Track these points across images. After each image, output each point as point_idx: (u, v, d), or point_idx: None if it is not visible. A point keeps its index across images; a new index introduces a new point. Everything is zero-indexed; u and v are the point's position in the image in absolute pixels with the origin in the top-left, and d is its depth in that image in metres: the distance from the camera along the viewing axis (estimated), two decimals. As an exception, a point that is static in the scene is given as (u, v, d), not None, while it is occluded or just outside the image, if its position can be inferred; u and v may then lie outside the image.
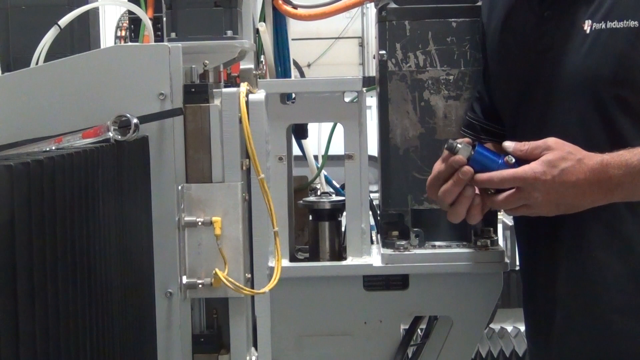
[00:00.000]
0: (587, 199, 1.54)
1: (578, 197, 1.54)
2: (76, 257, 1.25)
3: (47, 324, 1.13)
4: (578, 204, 1.56)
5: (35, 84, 1.69)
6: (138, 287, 1.63)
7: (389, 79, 1.96)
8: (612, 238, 1.64)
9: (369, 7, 2.41)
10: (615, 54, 1.62)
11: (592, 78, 1.65)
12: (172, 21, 1.89)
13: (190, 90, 1.72)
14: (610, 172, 1.52)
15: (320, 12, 2.22)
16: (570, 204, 1.56)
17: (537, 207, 1.57)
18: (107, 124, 1.55)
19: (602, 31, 1.63)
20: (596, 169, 1.52)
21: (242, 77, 2.16)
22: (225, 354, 1.81)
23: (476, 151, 1.62)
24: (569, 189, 1.53)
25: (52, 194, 1.17)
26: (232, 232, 1.74)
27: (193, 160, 1.74)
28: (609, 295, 1.65)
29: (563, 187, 1.52)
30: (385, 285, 2.02)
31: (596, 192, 1.53)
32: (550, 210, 1.57)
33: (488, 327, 2.36)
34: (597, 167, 1.52)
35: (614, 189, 1.53)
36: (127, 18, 4.83)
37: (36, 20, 5.00)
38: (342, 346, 2.05)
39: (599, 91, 1.64)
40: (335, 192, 2.28)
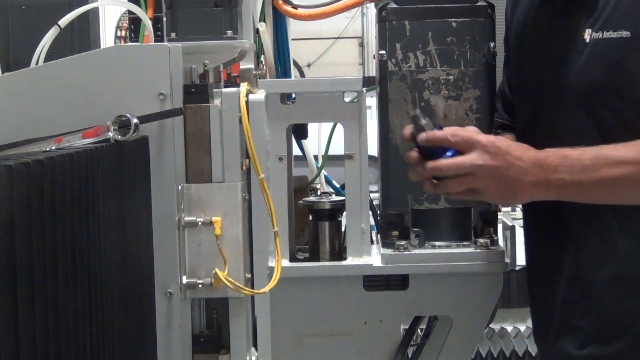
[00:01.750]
0: (528, 177, 1.55)
1: (521, 175, 1.55)
2: (76, 257, 1.25)
3: (47, 324, 1.13)
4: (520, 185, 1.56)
5: (35, 84, 1.69)
6: (138, 287, 1.63)
7: (389, 79, 1.96)
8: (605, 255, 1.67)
9: (369, 7, 2.40)
10: (609, 65, 1.62)
11: (588, 89, 1.65)
12: (172, 21, 1.89)
13: (190, 90, 1.73)
14: (550, 161, 1.54)
15: (320, 12, 2.22)
16: (517, 192, 1.57)
17: (485, 191, 1.59)
18: (107, 124, 1.55)
19: (599, 41, 1.63)
20: (540, 157, 1.55)
21: (242, 77, 2.16)
22: (225, 354, 1.81)
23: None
24: (512, 166, 1.55)
25: (52, 194, 1.17)
26: (232, 232, 1.74)
27: (193, 160, 1.74)
28: (599, 302, 1.68)
29: (506, 164, 1.55)
30: (385, 285, 2.02)
31: (537, 173, 1.54)
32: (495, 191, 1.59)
33: (488, 327, 2.36)
34: (542, 157, 1.55)
35: (552, 174, 1.54)
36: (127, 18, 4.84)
37: (36, 20, 5.01)
38: (342, 346, 2.05)
39: (595, 103, 1.65)
40: (335, 192, 2.28)
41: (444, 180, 1.61)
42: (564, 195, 1.59)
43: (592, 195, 1.58)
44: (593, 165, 1.53)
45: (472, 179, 1.58)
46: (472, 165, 1.57)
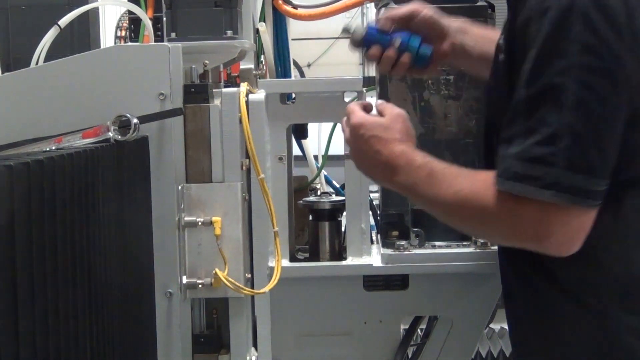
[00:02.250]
0: (377, 169, 1.60)
1: (373, 164, 1.60)
2: (76, 257, 1.25)
3: (47, 324, 1.13)
4: (372, 170, 1.62)
5: (35, 84, 1.69)
6: (138, 287, 1.63)
7: (389, 79, 1.96)
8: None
9: (369, 7, 2.41)
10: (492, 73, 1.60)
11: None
12: (172, 21, 1.89)
13: (190, 90, 1.73)
14: (399, 161, 1.57)
15: (320, 12, 2.23)
16: (367, 167, 1.63)
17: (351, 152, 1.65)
18: (107, 124, 1.55)
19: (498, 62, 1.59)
20: (395, 153, 1.57)
21: (242, 77, 2.16)
22: (225, 354, 1.81)
23: (367, 32, 1.70)
24: (369, 151, 1.59)
25: (52, 194, 1.17)
26: (232, 232, 1.74)
27: (193, 160, 1.74)
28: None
29: (365, 147, 1.60)
30: (385, 285, 2.02)
31: (384, 169, 1.58)
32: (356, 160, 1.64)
33: (488, 327, 2.36)
34: (397, 152, 1.57)
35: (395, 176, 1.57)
36: (127, 18, 4.83)
37: (36, 20, 5.00)
38: (342, 346, 2.05)
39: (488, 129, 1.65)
40: (335, 192, 2.28)
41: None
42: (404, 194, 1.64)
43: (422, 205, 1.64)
44: (425, 181, 1.54)
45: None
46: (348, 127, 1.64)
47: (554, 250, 1.41)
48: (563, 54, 1.36)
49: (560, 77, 1.36)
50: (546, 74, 1.38)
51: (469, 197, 1.47)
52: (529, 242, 1.43)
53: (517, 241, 1.46)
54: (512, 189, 1.38)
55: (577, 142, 1.36)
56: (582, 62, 1.36)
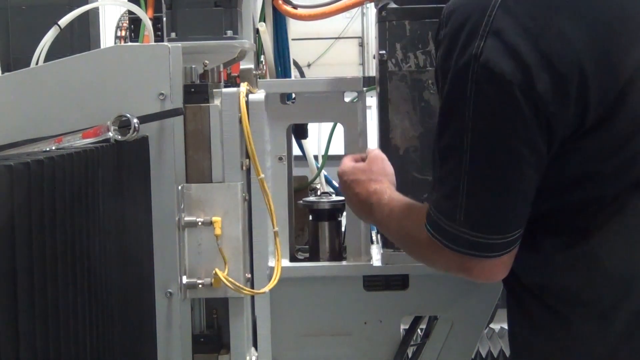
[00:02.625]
0: (361, 210, 1.77)
1: (357, 206, 1.77)
2: (76, 257, 1.25)
3: (47, 324, 1.13)
4: (358, 211, 1.80)
5: (35, 84, 1.69)
6: (138, 287, 1.63)
7: (389, 79, 1.96)
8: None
9: (369, 7, 2.40)
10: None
11: None
12: (172, 21, 1.89)
13: (190, 90, 1.73)
14: (373, 199, 1.70)
15: (320, 12, 2.22)
16: (353, 209, 1.82)
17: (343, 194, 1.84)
18: (107, 124, 1.55)
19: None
20: (369, 192, 1.72)
21: (242, 77, 2.16)
22: (225, 354, 1.81)
23: None
24: (352, 195, 1.76)
25: (52, 194, 1.17)
26: (232, 232, 1.74)
27: (193, 160, 1.74)
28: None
29: (349, 192, 1.76)
30: (385, 285, 2.02)
31: (364, 208, 1.74)
32: (347, 204, 1.86)
33: (488, 327, 2.36)
34: (371, 191, 1.72)
35: (371, 213, 1.71)
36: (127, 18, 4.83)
37: (36, 20, 5.01)
38: (342, 346, 2.05)
39: None
40: (335, 192, 2.28)
41: None
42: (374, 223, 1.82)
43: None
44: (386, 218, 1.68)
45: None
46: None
47: (483, 280, 1.52)
48: (460, 116, 1.39)
49: (458, 138, 1.39)
50: (448, 132, 1.43)
51: (409, 236, 1.59)
52: (460, 274, 1.53)
53: (452, 273, 1.57)
54: (432, 236, 1.47)
55: (474, 201, 1.41)
56: (476, 127, 1.38)
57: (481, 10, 1.37)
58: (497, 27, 1.35)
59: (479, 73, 1.36)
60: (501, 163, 1.39)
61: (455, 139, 1.40)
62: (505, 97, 1.35)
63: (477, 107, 1.37)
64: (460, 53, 1.38)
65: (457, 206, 1.41)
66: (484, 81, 1.36)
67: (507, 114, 1.36)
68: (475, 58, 1.35)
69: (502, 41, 1.35)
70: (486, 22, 1.36)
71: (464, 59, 1.37)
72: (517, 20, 1.36)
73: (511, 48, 1.34)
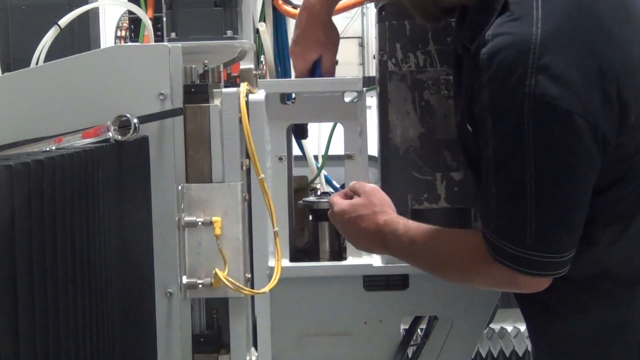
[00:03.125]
0: (372, 243, 1.80)
1: (367, 240, 1.80)
2: (76, 257, 1.25)
3: (47, 324, 1.13)
4: (369, 246, 1.83)
5: (35, 84, 1.69)
6: (138, 287, 1.63)
7: (389, 79, 1.96)
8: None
9: (369, 7, 2.40)
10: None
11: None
12: (172, 21, 1.89)
13: (190, 90, 1.73)
14: (385, 231, 1.75)
15: (320, 12, 2.21)
16: (364, 245, 1.83)
17: (345, 237, 1.90)
18: (107, 124, 1.55)
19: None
20: (380, 225, 1.76)
21: (242, 77, 2.16)
22: (225, 354, 1.81)
23: None
24: (358, 231, 1.79)
25: (52, 194, 1.17)
26: (232, 232, 1.74)
27: (193, 160, 1.74)
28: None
29: (355, 228, 1.80)
30: (385, 285, 2.01)
31: (376, 241, 1.78)
32: (352, 242, 1.87)
33: (488, 327, 2.36)
34: (381, 223, 1.76)
35: (386, 245, 1.76)
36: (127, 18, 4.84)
37: (36, 20, 5.01)
38: (342, 346, 2.05)
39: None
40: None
41: None
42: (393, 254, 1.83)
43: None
44: (409, 248, 1.73)
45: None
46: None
47: (528, 292, 1.61)
48: (519, 151, 1.48)
49: (519, 171, 1.49)
50: (508, 167, 1.52)
51: (441, 261, 1.70)
52: (505, 289, 1.67)
53: (495, 288, 1.72)
54: (502, 263, 1.55)
55: (544, 225, 1.51)
56: (539, 157, 1.47)
57: (525, 50, 1.46)
58: (543, 62, 1.45)
59: (536, 109, 1.45)
60: (567, 187, 1.50)
61: (517, 173, 1.49)
62: (565, 126, 1.45)
63: (537, 140, 1.47)
64: (512, 93, 1.46)
65: (526, 232, 1.51)
66: (542, 115, 1.45)
67: (569, 141, 1.47)
68: (530, 96, 1.45)
69: (552, 75, 1.45)
70: (532, 60, 1.45)
71: (517, 98, 1.46)
72: (560, 52, 1.46)
73: (561, 79, 1.45)
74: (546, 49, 1.45)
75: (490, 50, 1.49)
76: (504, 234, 1.54)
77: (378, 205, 1.78)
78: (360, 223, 1.78)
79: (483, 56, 1.50)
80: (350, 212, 1.79)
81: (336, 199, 1.84)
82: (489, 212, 1.56)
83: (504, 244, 1.54)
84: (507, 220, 1.54)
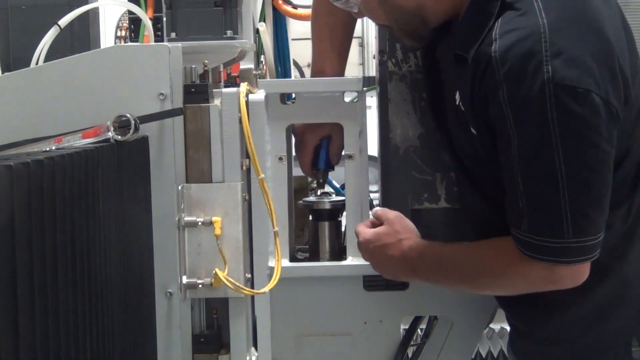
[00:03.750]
0: (399, 271, 1.83)
1: (395, 268, 1.82)
2: (76, 257, 1.25)
3: (47, 324, 1.13)
4: (396, 273, 1.85)
5: (35, 84, 1.68)
6: (138, 287, 1.63)
7: (389, 79, 1.96)
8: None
9: (369, 7, 2.38)
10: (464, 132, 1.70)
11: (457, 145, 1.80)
12: (172, 21, 1.89)
13: (190, 90, 1.72)
14: (412, 256, 1.78)
15: (320, 12, 2.21)
16: (391, 272, 1.86)
17: (372, 265, 1.88)
18: (107, 124, 1.55)
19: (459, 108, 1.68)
20: (405, 251, 1.78)
21: (242, 77, 2.16)
22: (225, 354, 1.81)
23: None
24: (384, 259, 1.82)
25: (52, 194, 1.17)
26: (232, 232, 1.74)
27: (193, 160, 1.74)
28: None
29: (381, 257, 1.83)
30: (385, 285, 2.02)
31: (403, 268, 1.81)
32: (380, 270, 1.88)
33: (488, 327, 2.36)
34: (406, 249, 1.78)
35: (414, 270, 1.79)
36: (127, 18, 4.84)
37: (36, 20, 5.01)
38: (342, 346, 2.05)
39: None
40: (335, 192, 2.28)
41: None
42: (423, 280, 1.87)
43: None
44: (439, 268, 1.76)
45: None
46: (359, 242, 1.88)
47: (570, 286, 1.61)
48: (546, 141, 1.50)
49: (548, 162, 1.52)
50: (536, 161, 1.52)
51: (471, 277, 1.71)
52: (546, 288, 1.63)
53: (537, 289, 1.65)
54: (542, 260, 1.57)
55: (578, 210, 1.52)
56: (565, 142, 1.49)
57: (537, 39, 1.50)
58: (556, 48, 1.49)
59: (557, 93, 1.47)
60: (595, 167, 1.52)
61: (546, 162, 1.51)
62: (586, 106, 1.49)
63: (562, 124, 1.48)
64: (531, 83, 1.48)
65: (563, 221, 1.52)
66: (564, 98, 1.48)
67: (591, 120, 1.49)
68: (549, 81, 1.47)
69: (566, 59, 1.49)
70: (545, 48, 1.49)
71: (536, 86, 1.48)
72: (568, 36, 1.51)
73: (576, 62, 1.49)
74: (555, 35, 1.49)
75: (502, 47, 1.51)
76: (540, 229, 1.55)
77: (402, 232, 1.81)
78: (385, 251, 1.80)
79: (495, 54, 1.52)
80: (374, 241, 1.82)
81: (360, 228, 1.87)
82: (519, 213, 1.56)
83: (541, 240, 1.54)
84: (541, 215, 1.55)
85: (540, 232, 1.55)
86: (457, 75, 1.66)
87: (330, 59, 2.04)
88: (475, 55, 1.57)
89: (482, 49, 1.55)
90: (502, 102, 1.52)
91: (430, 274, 1.78)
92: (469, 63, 1.59)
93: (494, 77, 1.52)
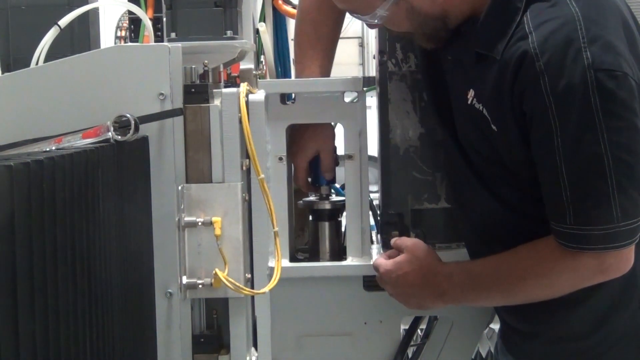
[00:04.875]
0: (426, 298, 1.80)
1: (420, 295, 1.80)
2: (76, 257, 1.25)
3: (47, 324, 1.13)
4: (421, 301, 1.82)
5: (35, 84, 1.68)
6: (138, 287, 1.63)
7: (389, 79, 1.96)
8: None
9: (369, 7, 2.38)
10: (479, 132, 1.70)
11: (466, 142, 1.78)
12: (172, 21, 1.89)
13: (190, 90, 1.72)
14: (439, 280, 1.76)
15: (320, 12, 2.21)
16: (416, 302, 1.83)
17: (394, 296, 1.86)
18: (107, 124, 1.55)
19: (472, 107, 1.68)
20: (428, 276, 1.77)
21: (242, 77, 2.16)
22: (225, 354, 1.80)
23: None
24: (408, 288, 1.81)
25: (52, 194, 1.17)
26: (232, 232, 1.74)
27: (193, 160, 1.74)
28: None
29: (404, 286, 1.81)
30: (385, 285, 2.01)
31: (429, 293, 1.79)
32: (404, 300, 1.85)
33: (488, 327, 2.37)
34: (430, 275, 1.77)
35: (443, 293, 1.77)
36: (127, 18, 4.84)
37: (36, 20, 5.02)
38: (342, 346, 2.05)
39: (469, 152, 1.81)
40: (335, 192, 2.28)
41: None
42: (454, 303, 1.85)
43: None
44: (472, 285, 1.74)
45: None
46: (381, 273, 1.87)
47: (618, 274, 1.62)
48: (591, 127, 1.51)
49: (594, 149, 1.52)
50: (581, 149, 1.53)
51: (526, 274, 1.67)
52: (595, 280, 1.63)
53: (585, 283, 1.65)
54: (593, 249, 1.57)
55: (624, 192, 1.54)
56: (609, 126, 1.51)
57: (573, 27, 1.53)
58: (592, 35, 1.53)
59: (598, 78, 1.50)
60: (636, 149, 1.55)
61: (592, 148, 1.52)
62: (625, 89, 1.52)
63: (605, 109, 1.51)
64: (572, 70, 1.50)
65: (612, 205, 1.54)
66: (605, 83, 1.50)
67: (631, 103, 1.52)
68: (589, 67, 1.50)
69: (602, 44, 1.53)
70: (582, 35, 1.52)
71: (578, 72, 1.50)
72: (599, 23, 1.55)
73: (611, 46, 1.53)
74: (589, 22, 1.52)
75: (539, 38, 1.53)
76: (589, 218, 1.55)
77: (424, 258, 1.80)
78: (410, 280, 1.79)
79: (532, 46, 1.53)
80: (396, 271, 1.81)
81: (379, 261, 1.86)
82: (563, 207, 1.56)
83: (589, 229, 1.55)
84: (589, 204, 1.55)
85: (587, 221, 1.55)
86: (474, 74, 1.66)
87: (316, 62, 2.04)
88: (505, 51, 1.57)
89: (514, 44, 1.56)
90: (544, 92, 1.52)
91: (464, 294, 1.76)
92: (496, 60, 1.59)
93: (532, 69, 1.53)
